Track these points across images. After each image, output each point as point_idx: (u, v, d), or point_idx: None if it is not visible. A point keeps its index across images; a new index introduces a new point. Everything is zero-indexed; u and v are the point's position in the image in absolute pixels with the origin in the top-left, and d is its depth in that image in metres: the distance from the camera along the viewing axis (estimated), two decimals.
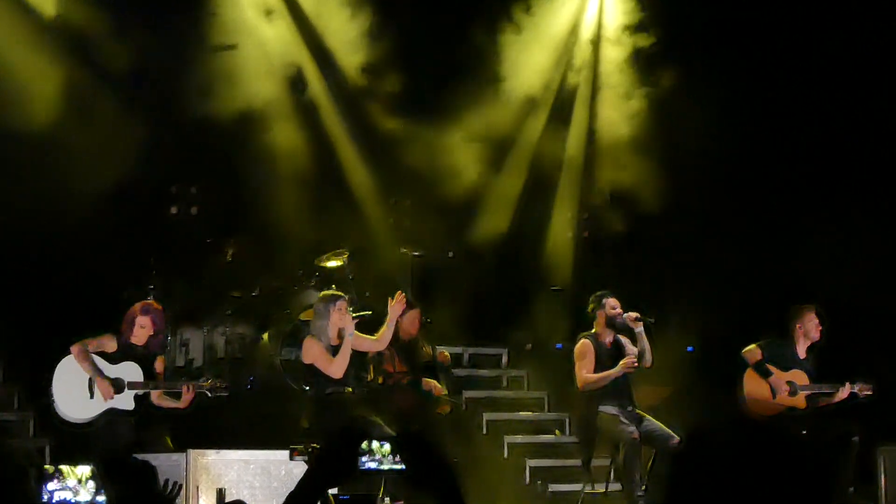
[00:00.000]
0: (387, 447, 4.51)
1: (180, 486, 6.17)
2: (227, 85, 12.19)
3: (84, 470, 6.37)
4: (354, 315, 9.37)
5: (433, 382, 10.45)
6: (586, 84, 13.82)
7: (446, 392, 10.65)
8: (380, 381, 10.28)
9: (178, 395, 9.13)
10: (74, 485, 6.35)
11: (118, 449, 8.79)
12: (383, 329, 9.27)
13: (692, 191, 12.57)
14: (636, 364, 9.70)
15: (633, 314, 9.76)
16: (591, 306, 10.02)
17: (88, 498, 6.34)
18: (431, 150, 12.89)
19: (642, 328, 9.75)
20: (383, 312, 9.36)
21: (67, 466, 6.99)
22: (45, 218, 11.13)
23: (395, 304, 9.26)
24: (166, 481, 5.66)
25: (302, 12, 12.90)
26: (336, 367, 9.00)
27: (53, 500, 6.68)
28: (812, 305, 10.15)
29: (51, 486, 6.78)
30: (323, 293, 9.68)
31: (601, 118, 13.65)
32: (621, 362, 9.69)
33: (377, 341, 9.33)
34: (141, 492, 5.36)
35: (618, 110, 13.44)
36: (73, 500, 6.36)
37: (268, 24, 12.68)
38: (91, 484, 6.32)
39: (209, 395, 9.19)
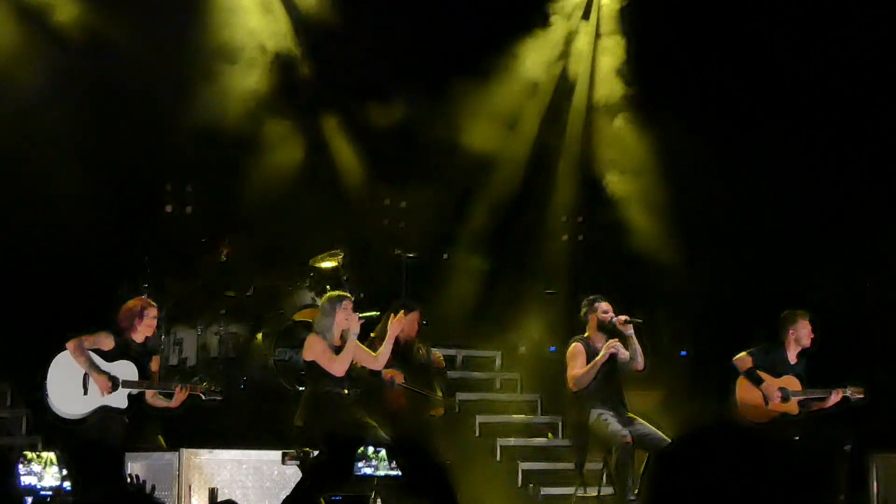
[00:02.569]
0: (383, 453, 4.54)
1: (153, 486, 6.16)
2: (218, 80, 12.17)
3: (49, 455, 6.30)
4: (361, 315, 9.36)
5: (393, 371, 10.36)
6: (582, 88, 13.84)
7: (440, 394, 10.64)
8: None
9: (170, 396, 9.13)
10: (39, 470, 6.28)
11: (109, 446, 8.80)
12: (382, 347, 9.27)
13: (687, 197, 12.57)
14: (617, 345, 9.71)
15: (623, 317, 9.77)
16: (583, 310, 10.04)
17: (54, 483, 6.27)
18: (426, 152, 12.90)
19: (633, 330, 9.76)
20: (380, 308, 9.37)
21: (31, 451, 6.92)
22: (40, 215, 11.12)
23: (395, 323, 9.27)
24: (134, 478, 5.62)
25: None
26: (339, 366, 9.03)
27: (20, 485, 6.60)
28: (805, 312, 10.16)
29: None
30: (330, 293, 9.70)
31: (597, 122, 13.65)
32: (605, 345, 9.70)
33: (375, 359, 9.33)
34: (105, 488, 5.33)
35: (614, 114, 13.45)
36: (38, 486, 6.29)
37: (259, 14, 12.65)
38: (55, 469, 6.26)
39: (203, 398, 9.20)
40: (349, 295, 9.55)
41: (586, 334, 9.93)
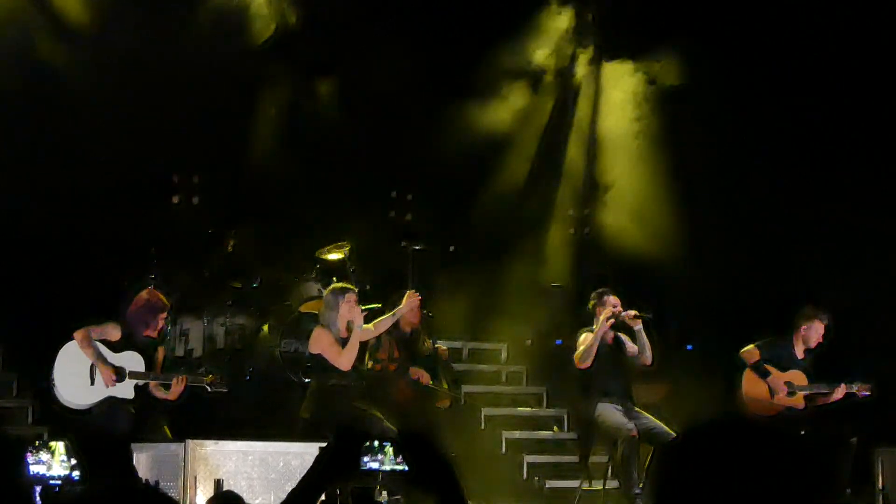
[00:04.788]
0: (389, 447, 4.57)
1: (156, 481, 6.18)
2: (224, 69, 12.18)
3: (58, 444, 6.29)
4: (364, 308, 9.38)
5: (420, 371, 10.43)
6: (588, 81, 13.83)
7: (445, 386, 10.65)
8: (376, 368, 10.29)
9: (169, 387, 9.13)
10: (48, 459, 6.27)
11: (115, 436, 8.82)
12: (384, 317, 9.33)
13: (693, 190, 12.56)
14: (618, 314, 9.69)
15: (632, 311, 9.75)
16: (591, 303, 10.02)
17: (63, 472, 6.25)
18: (434, 144, 12.89)
19: (641, 325, 9.75)
20: (386, 301, 9.40)
21: (40, 441, 6.92)
22: (48, 205, 11.14)
23: (407, 301, 9.32)
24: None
25: None
26: (345, 360, 9.05)
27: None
28: (824, 315, 10.11)
29: None
30: (333, 285, 9.71)
31: (603, 114, 13.64)
32: (602, 315, 9.67)
33: (374, 328, 9.37)
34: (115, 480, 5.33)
35: (621, 107, 13.43)
36: (47, 475, 6.28)
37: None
38: (64, 458, 6.24)
39: (209, 390, 9.21)
40: (352, 286, 9.56)
41: (594, 327, 9.92)
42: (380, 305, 9.90)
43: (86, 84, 11.50)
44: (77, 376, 8.96)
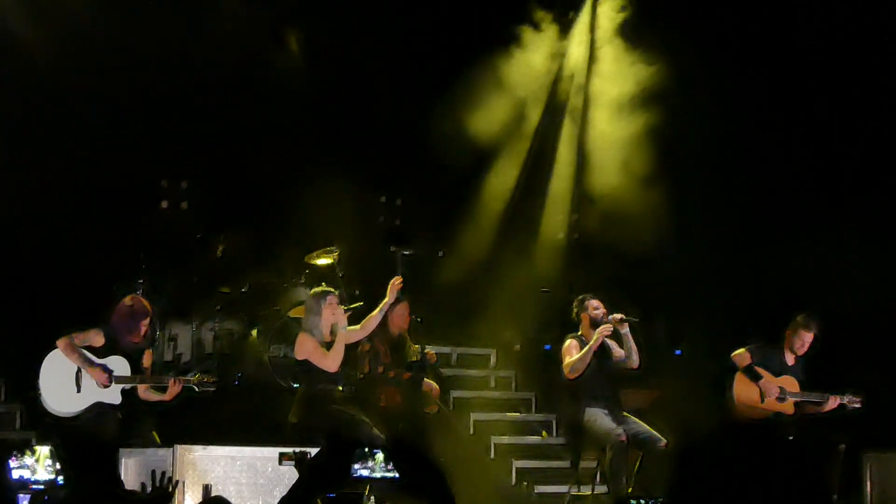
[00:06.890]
0: (380, 454, 4.54)
1: (176, 481, 6.12)
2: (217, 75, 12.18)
3: (42, 449, 6.26)
4: (346, 308, 9.38)
5: (433, 384, 10.46)
6: (578, 88, 13.84)
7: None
8: (389, 374, 10.28)
9: (163, 389, 9.13)
10: (32, 463, 6.24)
11: (103, 442, 8.79)
12: (371, 315, 9.32)
13: (683, 195, 12.57)
14: (611, 330, 9.70)
15: (618, 315, 9.76)
16: (574, 309, 10.04)
17: (47, 477, 6.23)
18: (422, 149, 12.89)
19: (628, 329, 9.75)
20: (375, 306, 9.39)
21: (24, 446, 6.90)
22: (35, 211, 11.11)
23: (392, 288, 9.31)
24: (159, 474, 5.59)
25: None
26: (331, 362, 9.04)
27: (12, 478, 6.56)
28: (814, 325, 10.09)
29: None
30: (314, 289, 9.70)
31: (593, 120, 13.64)
32: (598, 329, 9.68)
33: (361, 329, 9.36)
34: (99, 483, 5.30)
35: (611, 110, 13.44)
36: (31, 479, 6.25)
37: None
38: (49, 463, 6.22)
39: (196, 389, 9.20)
40: (333, 289, 9.56)
41: (580, 333, 9.93)
42: (361, 304, 9.89)
43: (73, 88, 11.48)
44: (63, 384, 8.94)
